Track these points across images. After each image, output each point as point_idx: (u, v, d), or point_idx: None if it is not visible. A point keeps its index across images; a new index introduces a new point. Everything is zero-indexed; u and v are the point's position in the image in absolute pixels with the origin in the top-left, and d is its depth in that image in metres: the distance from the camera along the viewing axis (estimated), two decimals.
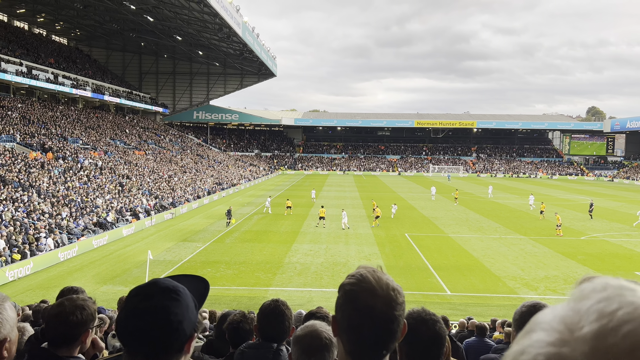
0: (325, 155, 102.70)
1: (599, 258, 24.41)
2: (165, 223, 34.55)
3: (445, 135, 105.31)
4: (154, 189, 41.78)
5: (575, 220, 36.57)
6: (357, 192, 56.83)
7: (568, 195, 57.60)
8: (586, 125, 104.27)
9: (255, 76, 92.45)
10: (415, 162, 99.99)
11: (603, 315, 0.49)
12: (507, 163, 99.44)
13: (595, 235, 30.83)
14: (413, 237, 29.12)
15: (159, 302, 1.30)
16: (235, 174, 68.42)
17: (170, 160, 58.33)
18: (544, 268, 22.40)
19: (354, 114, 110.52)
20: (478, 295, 18.49)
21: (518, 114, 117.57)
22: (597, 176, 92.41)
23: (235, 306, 16.09)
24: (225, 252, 24.95)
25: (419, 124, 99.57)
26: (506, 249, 26.40)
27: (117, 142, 55.14)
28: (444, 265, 22.71)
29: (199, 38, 69.66)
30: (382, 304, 1.26)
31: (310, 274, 20.86)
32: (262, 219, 36.01)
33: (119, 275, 20.82)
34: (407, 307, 5.60)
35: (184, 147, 72.87)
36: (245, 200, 47.34)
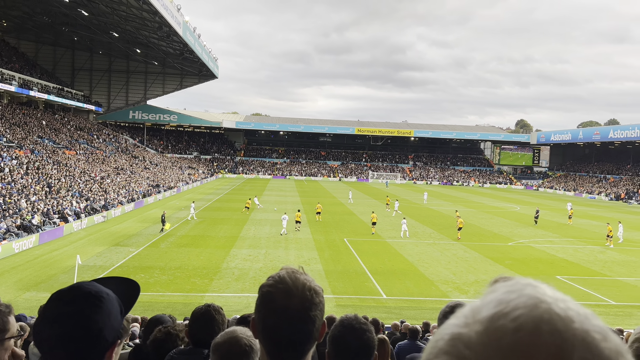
0: (267, 160, 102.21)
1: (524, 263, 25.84)
2: (96, 226, 33.04)
3: (384, 143, 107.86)
4: (85, 190, 39.86)
5: (504, 227, 38.52)
6: (299, 197, 56.96)
7: (497, 203, 60.59)
8: (515, 137, 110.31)
9: (196, 77, 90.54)
10: (355, 168, 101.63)
11: (501, 303, 0.56)
12: (441, 171, 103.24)
13: (521, 241, 32.61)
14: (352, 242, 29.55)
15: (78, 308, 1.25)
16: (173, 176, 66.58)
17: (103, 161, 55.89)
18: (474, 272, 23.42)
19: (297, 119, 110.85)
20: (412, 299, 19.04)
21: (453, 125, 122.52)
22: (524, 185, 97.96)
23: (170, 312, 15.63)
24: (160, 257, 24.21)
25: (359, 131, 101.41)
26: (439, 254, 27.37)
27: (46, 140, 52.17)
28: (380, 269, 23.21)
29: (137, 36, 67.34)
30: (297, 305, 1.28)
31: (249, 280, 20.66)
32: (199, 223, 35.26)
33: (44, 282, 19.67)
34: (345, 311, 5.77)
35: (118, 147, 70.07)
36: (183, 204, 46.18)
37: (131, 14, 55.45)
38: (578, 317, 0.55)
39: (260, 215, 40.02)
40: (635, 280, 23.11)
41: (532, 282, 0.60)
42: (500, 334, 0.52)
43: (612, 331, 0.54)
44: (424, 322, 11.09)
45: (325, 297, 1.39)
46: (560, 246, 31.18)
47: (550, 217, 46.55)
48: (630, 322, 16.79)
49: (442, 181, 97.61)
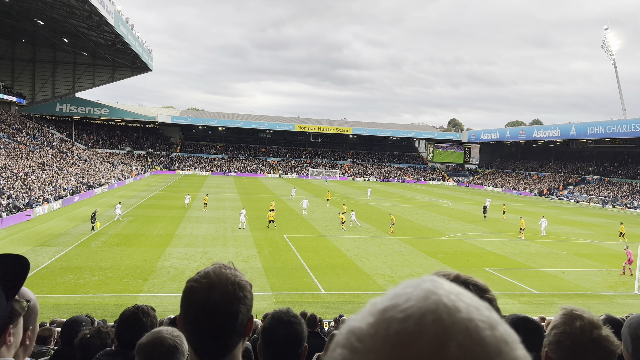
0: (205, 156, 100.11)
1: (455, 256, 26.97)
2: (19, 225, 31.03)
3: (323, 140, 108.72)
4: (6, 187, 37.28)
5: (437, 222, 40.00)
6: (237, 194, 56.27)
7: (431, 198, 62.81)
8: (447, 136, 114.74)
9: (129, 69, 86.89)
10: (295, 164, 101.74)
11: (396, 296, 0.59)
12: (379, 168, 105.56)
13: (453, 235, 34.01)
14: (291, 239, 29.61)
15: None
16: (104, 172, 63.69)
17: (27, 156, 52.50)
18: (409, 266, 24.18)
19: (235, 115, 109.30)
20: (350, 294, 19.37)
21: (389, 123, 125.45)
22: (456, 182, 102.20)
23: (101, 314, 14.99)
24: (90, 257, 23.13)
25: (299, 127, 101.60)
26: (376, 248, 28.01)
27: None
28: (319, 265, 23.42)
29: (65, 24, 63.61)
30: (217, 299, 1.27)
31: (185, 279, 20.04)
32: (132, 221, 34.00)
33: None
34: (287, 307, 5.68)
35: (44, 142, 66.05)
36: (114, 202, 44.28)
37: (58, 1, 52.33)
38: (466, 307, 0.56)
39: (197, 213, 39.17)
40: (556, 270, 24.76)
41: (434, 278, 0.62)
42: (388, 324, 0.54)
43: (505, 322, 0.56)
44: None
45: (264, 294, 1.39)
46: (488, 239, 32.81)
47: (479, 212, 48.86)
48: (552, 310, 17.97)
49: (379, 178, 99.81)
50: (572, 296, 20.55)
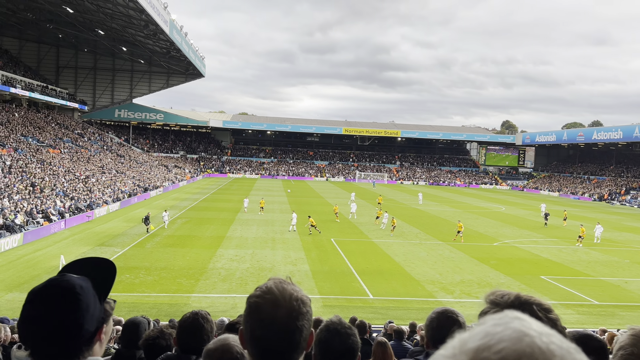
0: (254, 159, 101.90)
1: (509, 263, 26.10)
2: (81, 226, 32.66)
3: (371, 143, 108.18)
4: (69, 189, 39.36)
5: (489, 227, 38.88)
6: (286, 197, 56.89)
7: (483, 203, 61.13)
8: (500, 138, 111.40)
9: (183, 76, 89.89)
10: (342, 168, 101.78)
11: (487, 335, 0.59)
12: (428, 171, 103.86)
13: (506, 241, 32.95)
14: (339, 242, 29.60)
15: (54, 309, 1.27)
16: (159, 175, 66.05)
17: (88, 160, 55.24)
18: (460, 272, 23.60)
19: (284, 119, 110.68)
20: (399, 299, 19.12)
21: (439, 125, 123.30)
22: (509, 186, 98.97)
23: (156, 313, 15.52)
24: (146, 258, 24.01)
25: (346, 131, 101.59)
26: (425, 254, 27.53)
27: (29, 139, 51.42)
28: (367, 269, 23.28)
29: (123, 34, 66.63)
30: (283, 315, 1.28)
31: (235, 280, 20.58)
32: (185, 223, 35.05)
33: (27, 282, 19.38)
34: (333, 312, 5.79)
35: (103, 146, 69.32)
36: (169, 204, 45.85)
37: (117, 11, 54.84)
38: (560, 351, 0.57)
39: (247, 215, 39.89)
40: (618, 280, 23.48)
41: (520, 316, 0.62)
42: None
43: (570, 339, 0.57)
44: (411, 323, 11.14)
45: (312, 297, 1.40)
46: (544, 246, 31.56)
47: (535, 217, 47.08)
48: (613, 322, 17.06)
49: (428, 181, 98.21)
50: (636, 307, 19.41)
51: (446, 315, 2.51)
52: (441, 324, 2.47)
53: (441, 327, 2.47)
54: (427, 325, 2.52)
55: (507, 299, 1.40)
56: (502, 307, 1.38)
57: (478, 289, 20.83)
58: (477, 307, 17.84)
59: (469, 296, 19.81)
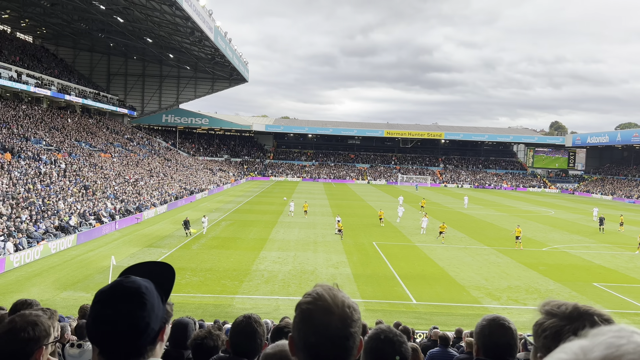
0: (296, 162, 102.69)
1: (559, 269, 25.15)
2: (130, 227, 33.83)
3: (413, 146, 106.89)
4: (119, 192, 40.88)
5: (538, 232, 37.61)
6: (327, 200, 57.00)
7: (531, 206, 59.22)
8: (549, 140, 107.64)
9: (227, 81, 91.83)
10: (384, 171, 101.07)
11: (611, 346, 0.61)
12: (473, 174, 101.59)
13: (556, 246, 31.76)
14: (380, 246, 29.37)
15: (123, 308, 1.34)
16: (204, 179, 67.61)
17: (137, 164, 57.22)
18: (506, 278, 22.93)
19: (325, 122, 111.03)
20: (443, 305, 18.77)
21: (484, 127, 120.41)
22: (559, 189, 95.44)
23: (201, 313, 15.86)
24: (192, 259, 24.59)
25: (388, 133, 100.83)
26: (471, 258, 26.90)
27: (83, 144, 53.78)
28: (410, 274, 22.98)
29: (170, 41, 68.77)
30: (337, 322, 1.27)
31: (278, 282, 20.77)
32: (229, 225, 35.68)
33: (81, 281, 20.24)
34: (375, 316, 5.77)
35: (151, 150, 71.63)
36: (214, 206, 46.84)
37: (164, 19, 56.68)
38: None
39: (288, 218, 40.21)
40: None
41: (638, 331, 0.64)
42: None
43: None
44: (457, 329, 10.90)
45: (354, 300, 1.38)
46: (597, 252, 30.23)
47: (587, 222, 45.20)
48: None
49: (473, 184, 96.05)
50: None
51: (498, 322, 2.44)
52: (493, 332, 2.40)
53: (493, 334, 2.40)
54: (478, 333, 2.46)
55: (565, 309, 1.34)
56: (559, 317, 1.33)
57: (526, 296, 20.18)
58: (525, 314, 17.28)
59: (517, 303, 19.21)
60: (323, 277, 21.89)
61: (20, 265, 22.15)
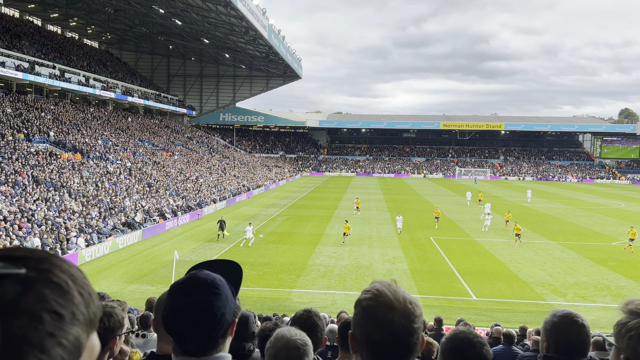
0: (350, 157, 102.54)
1: (631, 265, 23.71)
2: (191, 223, 35.02)
3: (471, 138, 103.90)
4: (180, 189, 42.41)
5: (607, 225, 35.62)
6: (382, 195, 56.56)
7: (600, 199, 56.13)
8: (618, 128, 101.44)
9: (281, 78, 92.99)
10: (441, 164, 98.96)
11: None
12: (535, 166, 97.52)
13: (627, 241, 29.90)
14: (438, 241, 28.81)
15: (201, 298, 1.38)
16: (261, 175, 68.90)
17: (197, 162, 59.14)
18: (572, 274, 21.88)
19: (379, 116, 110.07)
20: (504, 301, 18.17)
21: (547, 116, 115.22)
22: (630, 180, 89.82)
23: (259, 307, 16.19)
24: (250, 254, 25.14)
25: (445, 125, 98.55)
26: (533, 254, 25.87)
27: (146, 143, 56.21)
28: (469, 269, 22.40)
29: (226, 41, 70.47)
30: (400, 318, 1.25)
31: (334, 277, 20.85)
32: (286, 220, 36.17)
33: (146, 275, 21.20)
34: (434, 312, 5.68)
35: (210, 148, 73.80)
36: (270, 202, 47.63)
37: (220, 20, 58.13)
38: None
39: (343, 212, 40.23)
40: None
41: None
42: None
43: None
44: (521, 326, 10.53)
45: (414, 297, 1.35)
46: None
47: None
48: None
49: (536, 176, 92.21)
50: None
51: (571, 319, 2.31)
52: (566, 328, 2.27)
53: (565, 331, 2.27)
54: (549, 330, 2.33)
55: None
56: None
57: (594, 292, 19.17)
58: (593, 312, 16.43)
59: (584, 300, 18.29)
60: (379, 272, 21.76)
61: (91, 259, 23.48)
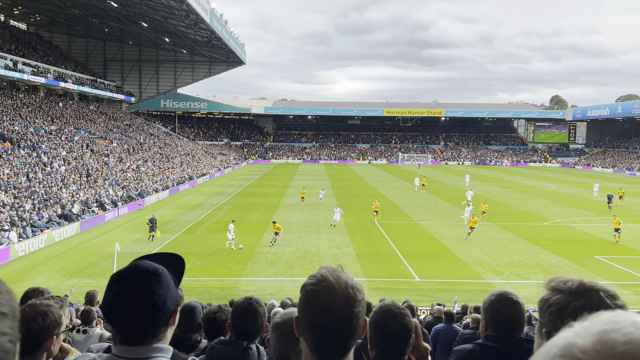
0: (296, 144, 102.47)
1: (561, 243, 25.27)
2: (133, 214, 33.94)
3: (414, 124, 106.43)
4: (120, 179, 40.91)
5: (539, 207, 37.70)
6: (329, 181, 57.05)
7: (532, 182, 59.25)
8: (549, 114, 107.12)
9: (224, 64, 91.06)
10: (385, 150, 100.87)
11: (609, 322, 0.67)
12: (474, 151, 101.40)
13: (557, 220, 31.87)
14: (383, 225, 29.49)
15: (142, 286, 1.39)
16: (205, 163, 67.58)
17: (137, 150, 57.14)
18: (509, 253, 23.07)
19: (325, 103, 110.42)
20: (446, 281, 18.92)
21: (484, 103, 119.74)
22: (560, 163, 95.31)
23: (206, 297, 16.01)
24: (196, 243, 24.73)
25: (388, 112, 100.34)
26: (473, 235, 27.02)
27: (82, 131, 53.63)
28: (412, 252, 23.12)
29: (166, 25, 68.02)
30: (341, 302, 1.30)
31: (282, 264, 20.91)
32: (232, 209, 35.79)
33: (86, 268, 20.40)
34: (379, 294, 5.85)
35: (151, 136, 71.46)
36: (215, 190, 46.92)
37: (159, 3, 55.99)
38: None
39: (291, 200, 40.30)
40: None
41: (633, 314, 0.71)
42: (613, 343, 0.63)
43: None
44: (462, 305, 11.02)
45: (358, 280, 1.40)
46: (598, 225, 30.33)
47: (587, 195, 45.26)
48: None
49: (474, 161, 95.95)
50: None
51: (506, 297, 2.48)
52: (501, 306, 2.44)
53: (501, 309, 2.43)
54: (487, 308, 2.49)
55: (571, 285, 1.35)
56: (565, 293, 1.34)
57: (528, 270, 20.33)
58: (527, 288, 17.42)
59: (519, 277, 19.36)
60: (326, 257, 22.04)
61: (25, 254, 22.30)
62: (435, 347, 6.56)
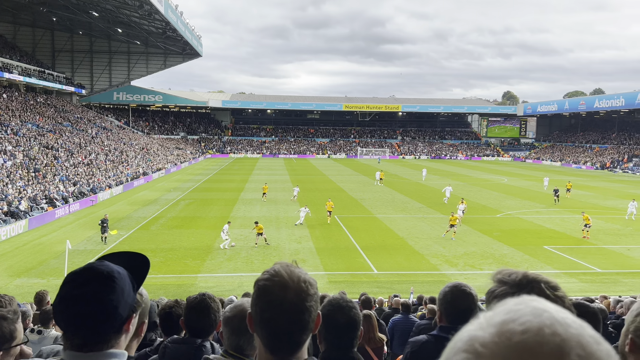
0: (255, 139, 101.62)
1: (512, 234, 26.22)
2: (85, 210, 32.81)
3: (372, 119, 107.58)
4: (72, 174, 39.42)
5: (492, 199, 38.95)
6: (288, 176, 56.94)
7: (485, 175, 61.12)
8: (501, 109, 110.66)
9: (180, 56, 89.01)
10: (344, 145, 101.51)
11: (510, 311, 0.69)
12: (430, 145, 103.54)
13: (509, 212, 33.03)
14: (342, 219, 29.72)
15: (92, 290, 1.33)
16: (161, 157, 66.03)
17: (89, 144, 55.17)
18: (463, 245, 23.75)
19: (283, 97, 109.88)
20: (403, 273, 19.29)
21: (440, 98, 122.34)
22: (512, 157, 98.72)
23: (163, 295, 15.69)
24: (151, 240, 24.18)
25: (347, 107, 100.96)
26: (429, 227, 27.66)
27: (29, 124, 51.28)
28: (371, 245, 23.43)
29: (118, 15, 65.73)
30: (293, 296, 1.30)
31: (241, 259, 20.75)
32: (189, 204, 35.18)
33: (35, 267, 19.59)
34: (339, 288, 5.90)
35: (104, 129, 69.13)
36: (171, 186, 45.97)
37: None
38: (574, 324, 0.67)
39: (250, 195, 40.00)
40: (620, 247, 23.61)
41: (537, 299, 0.72)
42: (510, 334, 0.65)
43: (604, 339, 0.67)
44: (419, 296, 11.27)
45: (317, 274, 1.42)
46: (547, 216, 31.64)
47: (537, 188, 47.10)
48: (615, 289, 17.20)
49: (430, 155, 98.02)
50: (638, 274, 19.56)
51: (460, 289, 2.56)
52: (455, 298, 2.52)
53: (454, 301, 2.51)
54: (441, 299, 2.57)
55: (515, 277, 1.40)
56: (509, 285, 1.39)
57: (481, 261, 20.99)
58: (480, 278, 18.00)
59: (473, 268, 19.97)
60: (286, 252, 22.02)
61: None
62: (393, 338, 6.70)
